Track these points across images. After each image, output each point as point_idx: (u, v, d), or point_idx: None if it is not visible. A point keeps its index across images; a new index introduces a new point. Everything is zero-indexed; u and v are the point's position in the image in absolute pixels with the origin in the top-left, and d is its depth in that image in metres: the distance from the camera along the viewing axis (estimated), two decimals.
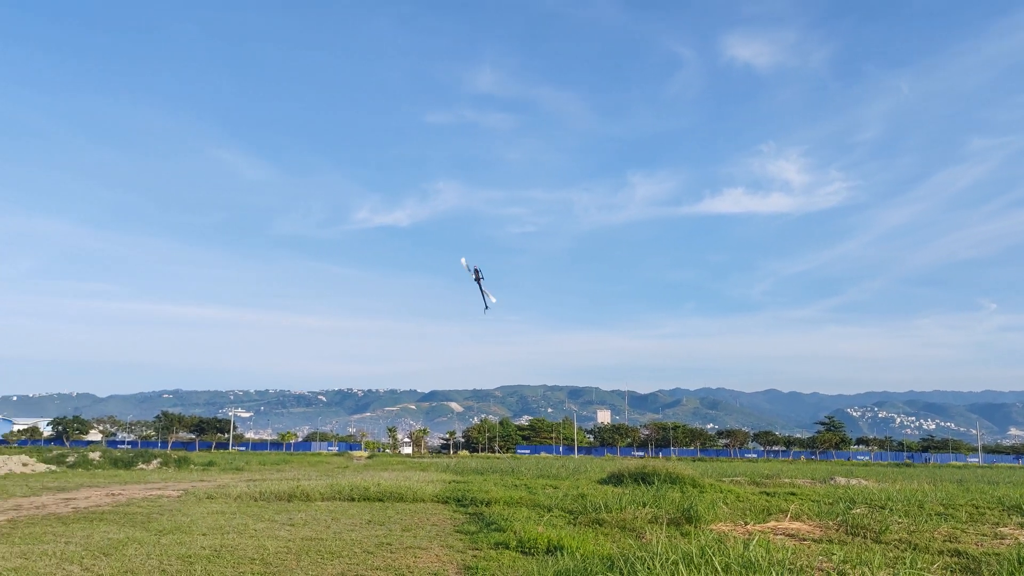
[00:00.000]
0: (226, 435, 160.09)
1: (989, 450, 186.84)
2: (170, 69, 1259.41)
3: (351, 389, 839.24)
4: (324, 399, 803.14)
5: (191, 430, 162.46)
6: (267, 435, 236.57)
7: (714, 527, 16.71)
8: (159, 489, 28.16)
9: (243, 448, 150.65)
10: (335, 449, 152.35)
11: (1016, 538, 15.98)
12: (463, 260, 37.18)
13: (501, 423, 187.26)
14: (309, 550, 13.29)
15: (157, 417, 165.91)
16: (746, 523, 17.91)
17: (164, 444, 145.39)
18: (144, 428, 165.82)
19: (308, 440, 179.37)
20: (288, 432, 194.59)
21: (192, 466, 51.96)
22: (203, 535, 15.07)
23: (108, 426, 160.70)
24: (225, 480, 34.55)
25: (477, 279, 37.08)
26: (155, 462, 50.85)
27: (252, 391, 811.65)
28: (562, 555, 12.30)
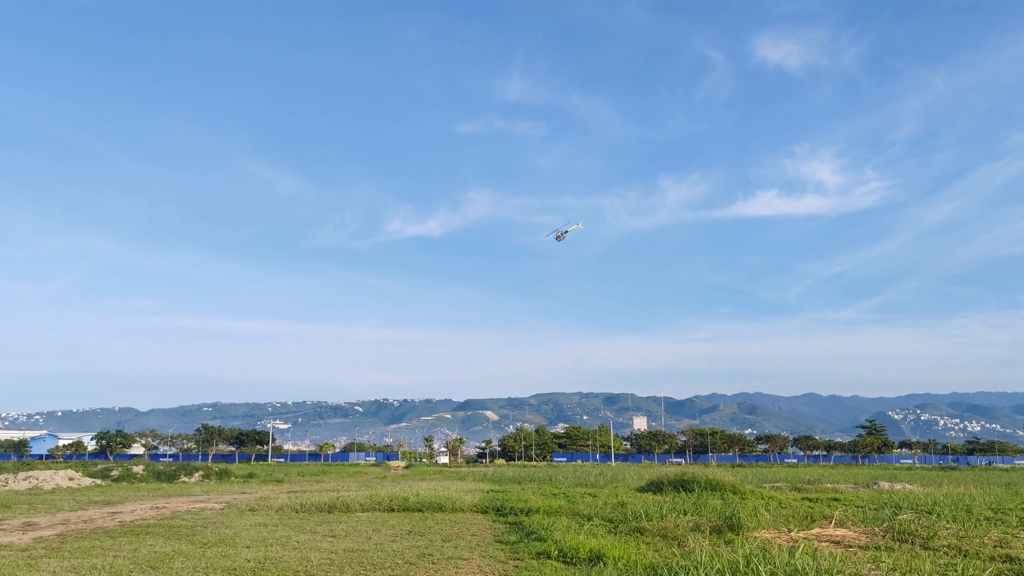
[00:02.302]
0: (265, 447, 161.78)
1: None
2: (204, 82, 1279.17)
3: (387, 399, 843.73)
4: (360, 410, 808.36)
5: (231, 442, 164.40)
6: (305, 446, 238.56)
7: (757, 535, 16.51)
8: (202, 502, 28.52)
9: (282, 460, 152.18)
10: (372, 459, 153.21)
11: None
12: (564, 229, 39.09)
13: (537, 431, 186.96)
14: (352, 561, 13.37)
15: (197, 430, 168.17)
16: (790, 530, 17.67)
17: (205, 457, 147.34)
18: (185, 441, 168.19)
19: (345, 451, 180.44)
20: (326, 443, 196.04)
21: (233, 478, 52.61)
22: (247, 547, 15.24)
23: (150, 440, 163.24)
24: (266, 492, 34.91)
25: (560, 236, 38.76)
26: (197, 475, 51.55)
27: (290, 403, 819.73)
28: (604, 565, 12.24)
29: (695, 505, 21.53)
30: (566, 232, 39.25)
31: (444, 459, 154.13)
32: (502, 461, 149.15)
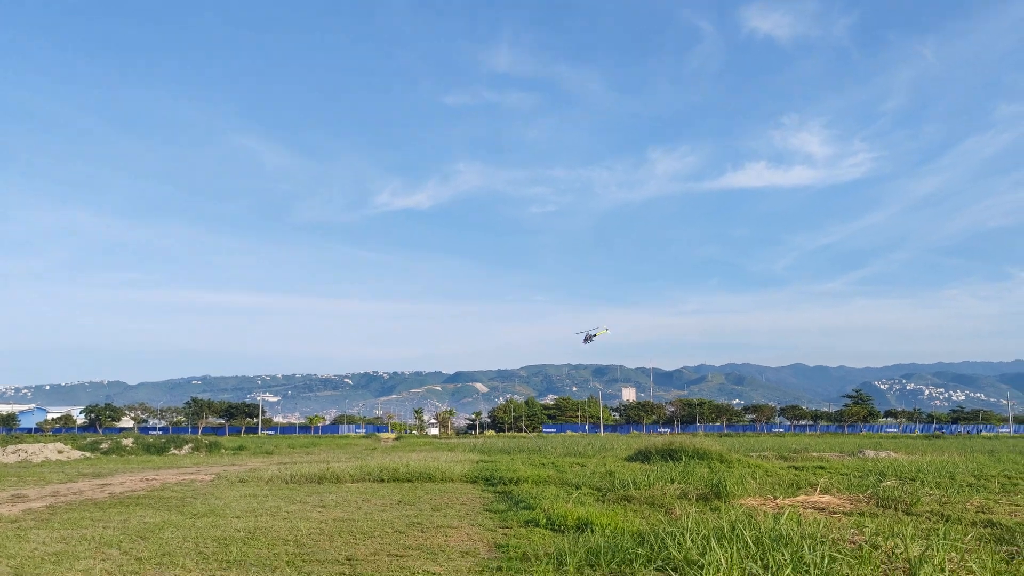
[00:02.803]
0: (255, 420, 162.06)
1: (1020, 420, 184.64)
2: (190, 56, 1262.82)
3: (377, 372, 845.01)
4: (350, 382, 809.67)
5: (220, 415, 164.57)
6: (295, 419, 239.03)
7: (743, 502, 16.70)
8: (192, 474, 28.59)
9: (272, 432, 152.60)
10: (362, 432, 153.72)
11: None
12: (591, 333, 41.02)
13: (526, 402, 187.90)
14: (341, 531, 13.45)
15: (187, 403, 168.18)
16: (775, 498, 17.87)
17: (194, 430, 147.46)
18: (174, 414, 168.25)
19: (336, 423, 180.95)
20: (316, 416, 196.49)
21: (223, 451, 52.72)
22: (237, 518, 15.30)
23: (139, 413, 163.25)
24: (256, 464, 35.01)
25: (588, 339, 40.24)
26: (187, 447, 51.64)
27: (279, 376, 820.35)
28: (592, 532, 12.35)
29: (682, 474, 21.74)
30: (594, 336, 41.09)
31: (434, 431, 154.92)
32: (492, 432, 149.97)
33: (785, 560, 8.36)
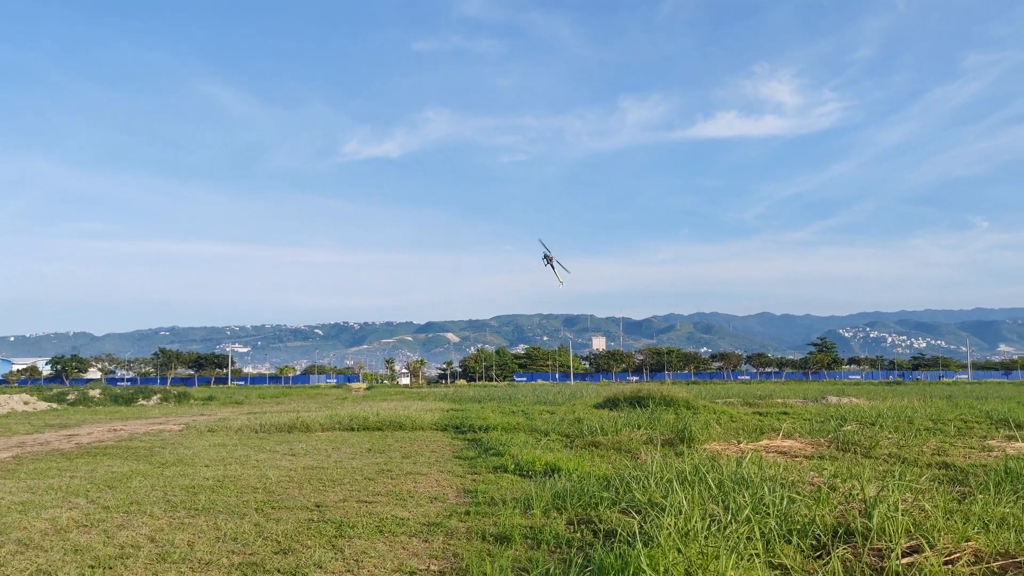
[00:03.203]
0: (224, 370, 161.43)
1: (978, 367, 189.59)
2: (153, 3, 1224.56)
3: (347, 322, 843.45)
4: (321, 333, 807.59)
5: (189, 366, 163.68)
6: (265, 369, 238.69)
7: (708, 447, 17.03)
8: (160, 424, 28.50)
9: (242, 383, 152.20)
10: (333, 382, 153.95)
11: (1003, 450, 16.33)
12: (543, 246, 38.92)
13: (497, 352, 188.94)
14: (311, 478, 13.52)
15: (155, 354, 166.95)
16: (739, 442, 18.24)
17: (163, 380, 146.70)
18: (142, 365, 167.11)
19: (306, 373, 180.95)
20: (286, 366, 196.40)
21: (192, 401, 52.56)
22: (206, 467, 15.31)
23: (107, 364, 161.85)
24: (225, 414, 34.97)
25: (549, 261, 38.62)
26: (155, 398, 51.41)
27: (249, 326, 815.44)
28: (559, 477, 12.54)
29: (649, 420, 22.07)
30: (551, 258, 39.73)
31: (405, 380, 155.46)
32: (463, 382, 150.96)
33: (745, 502, 8.56)
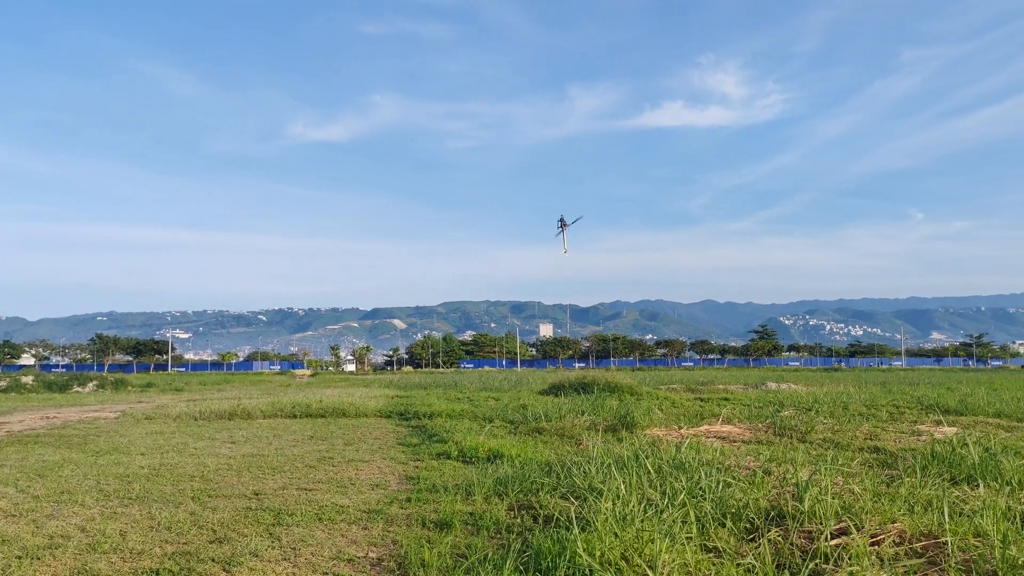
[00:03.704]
0: (164, 356, 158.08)
1: (912, 354, 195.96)
2: None
3: (292, 308, 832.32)
4: (264, 319, 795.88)
5: (128, 352, 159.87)
6: (207, 356, 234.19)
7: (650, 432, 17.25)
8: (95, 411, 27.78)
9: (182, 369, 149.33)
10: (277, 368, 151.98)
11: (931, 434, 16.89)
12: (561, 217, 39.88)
13: (444, 339, 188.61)
14: (250, 466, 13.33)
15: (92, 340, 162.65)
16: (680, 427, 18.53)
17: (100, 367, 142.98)
18: (78, 351, 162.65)
19: (249, 360, 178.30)
20: (228, 352, 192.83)
21: (130, 388, 51.35)
22: (141, 455, 14.97)
23: (40, 350, 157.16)
24: (164, 401, 34.24)
25: (563, 228, 39.32)
26: (91, 384, 50.07)
27: (190, 312, 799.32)
28: (502, 463, 12.59)
29: (593, 406, 22.27)
30: (565, 226, 40.63)
31: (351, 367, 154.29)
32: (409, 369, 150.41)
33: (682, 486, 8.70)
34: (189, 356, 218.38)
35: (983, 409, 22.94)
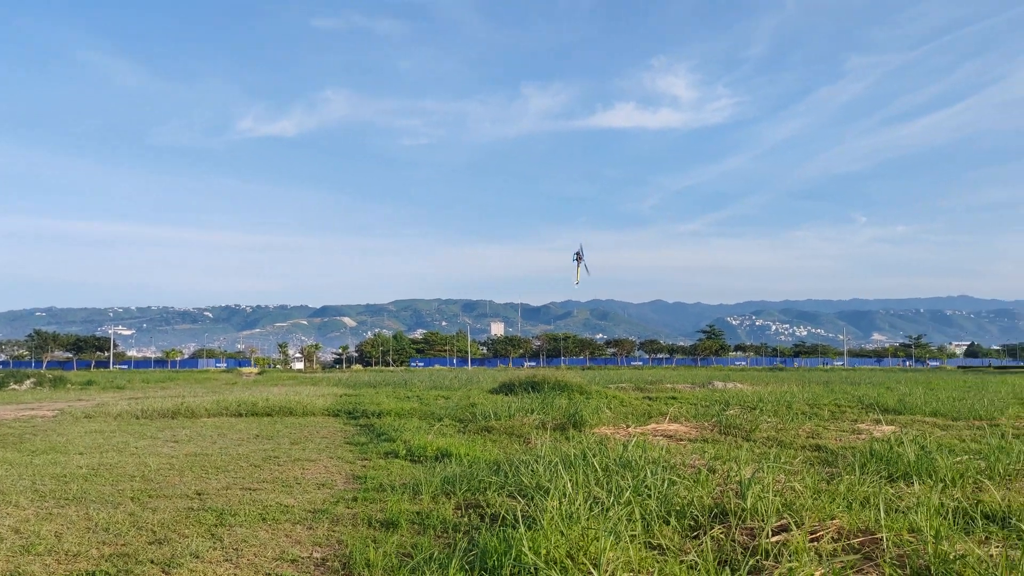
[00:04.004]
0: (106, 354, 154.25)
1: (854, 354, 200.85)
2: None
3: (239, 305, 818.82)
4: (211, 316, 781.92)
5: (68, 349, 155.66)
6: (151, 353, 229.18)
7: (598, 430, 17.38)
8: (32, 409, 26.98)
9: (125, 367, 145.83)
10: (223, 366, 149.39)
11: (870, 433, 17.32)
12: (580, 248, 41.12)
13: (395, 337, 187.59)
14: (193, 466, 13.07)
15: (30, 336, 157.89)
16: (628, 426, 18.70)
17: (39, 364, 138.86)
18: (15, 347, 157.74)
19: (195, 357, 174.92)
20: (173, 350, 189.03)
21: (69, 385, 49.98)
22: (80, 454, 14.58)
23: None
24: (105, 399, 33.41)
25: (579, 260, 40.40)
26: (28, 382, 48.59)
27: (133, 308, 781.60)
28: (450, 462, 12.56)
29: (542, 405, 22.34)
30: (580, 259, 42.15)
31: (299, 365, 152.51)
32: (359, 367, 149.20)
33: (628, 484, 8.78)
34: (132, 353, 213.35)
35: (920, 408, 23.61)
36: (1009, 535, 7.60)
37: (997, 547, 6.79)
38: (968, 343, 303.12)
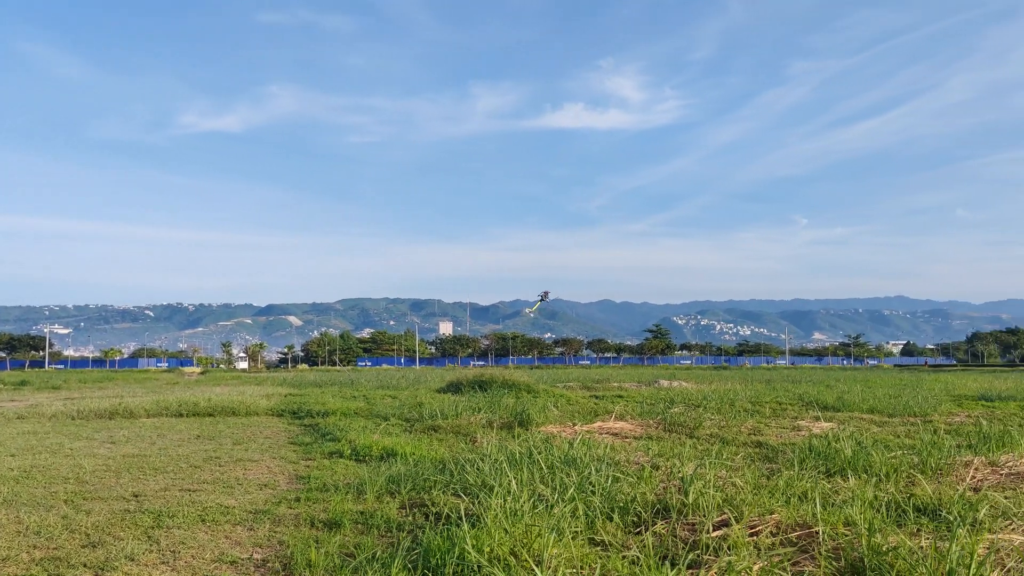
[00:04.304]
0: (41, 353, 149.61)
1: (795, 353, 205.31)
2: None
3: (181, 304, 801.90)
4: (151, 314, 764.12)
5: (0, 348, 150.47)
6: (88, 352, 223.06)
7: (545, 429, 17.44)
8: None
9: (61, 366, 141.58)
10: (164, 365, 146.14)
11: (810, 429, 17.71)
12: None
13: (342, 336, 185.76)
14: (130, 467, 12.75)
15: None
16: (574, 424, 18.81)
17: None
18: None
19: (135, 357, 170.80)
20: (112, 349, 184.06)
21: (1, 386, 48.32)
22: (11, 456, 14.11)
23: None
24: (39, 399, 32.40)
25: (543, 297, 44.11)
26: None
27: (70, 306, 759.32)
28: (395, 461, 12.47)
29: (489, 404, 22.34)
30: (537, 303, 46.27)
31: (243, 365, 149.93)
32: (305, 366, 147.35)
33: (572, 481, 8.83)
34: (69, 353, 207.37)
35: (858, 406, 24.23)
36: (939, 527, 7.84)
37: (927, 539, 6.99)
38: (904, 342, 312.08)
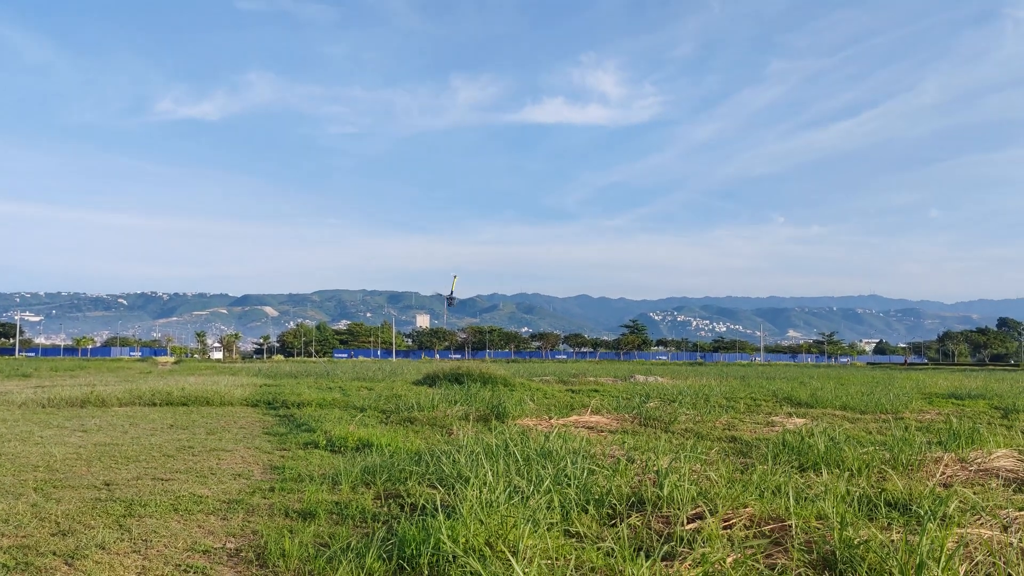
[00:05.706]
0: (12, 340, 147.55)
1: (770, 350, 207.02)
2: None
3: (155, 292, 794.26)
4: (125, 302, 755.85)
5: None
6: (60, 340, 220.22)
7: (521, 422, 17.47)
8: None
9: (32, 354, 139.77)
10: (138, 354, 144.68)
11: (784, 425, 17.88)
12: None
13: (318, 327, 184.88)
14: (102, 455, 12.60)
15: None
16: (551, 418, 18.85)
17: None
18: None
19: (107, 345, 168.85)
20: (84, 337, 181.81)
21: None
22: None
23: None
24: (9, 387, 31.94)
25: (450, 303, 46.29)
26: None
27: (42, 293, 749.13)
28: (371, 452, 12.44)
29: (466, 396, 22.34)
30: (452, 295, 47.27)
31: (218, 355, 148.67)
32: (280, 357, 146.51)
33: (548, 473, 8.85)
34: (40, 340, 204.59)
35: (831, 402, 24.51)
36: (909, 521, 7.95)
37: (898, 532, 7.09)
38: (877, 340, 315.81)
